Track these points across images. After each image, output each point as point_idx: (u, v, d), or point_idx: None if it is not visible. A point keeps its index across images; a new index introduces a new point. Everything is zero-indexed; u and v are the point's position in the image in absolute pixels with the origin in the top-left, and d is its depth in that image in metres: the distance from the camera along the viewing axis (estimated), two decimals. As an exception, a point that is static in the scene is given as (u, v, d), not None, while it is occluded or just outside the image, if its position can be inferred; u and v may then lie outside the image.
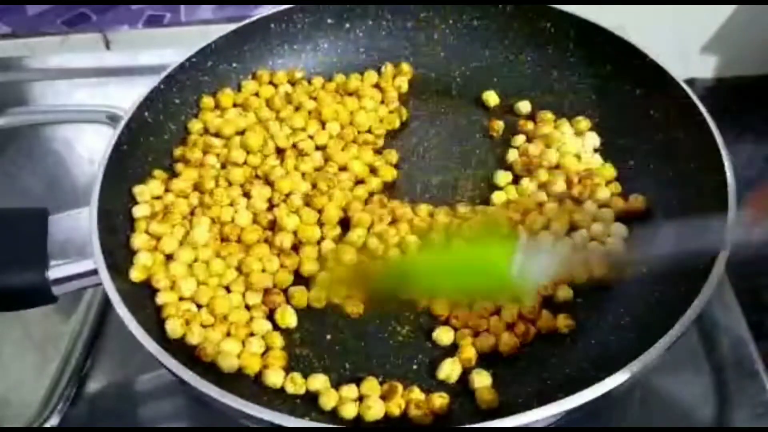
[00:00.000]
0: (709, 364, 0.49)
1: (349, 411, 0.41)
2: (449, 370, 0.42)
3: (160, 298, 0.45)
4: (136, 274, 0.45)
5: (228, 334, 0.45)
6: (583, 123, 0.55)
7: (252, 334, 0.45)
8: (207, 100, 0.57)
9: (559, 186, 0.51)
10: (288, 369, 0.44)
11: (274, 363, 0.43)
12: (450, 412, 0.41)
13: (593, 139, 0.55)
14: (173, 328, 0.43)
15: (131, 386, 0.51)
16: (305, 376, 0.43)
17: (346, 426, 0.41)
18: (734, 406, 0.47)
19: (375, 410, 0.40)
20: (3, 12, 0.80)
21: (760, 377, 0.48)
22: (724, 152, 0.46)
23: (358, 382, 0.43)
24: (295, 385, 0.42)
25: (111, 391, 0.51)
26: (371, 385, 0.42)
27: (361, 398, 0.42)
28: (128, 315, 0.40)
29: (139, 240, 0.47)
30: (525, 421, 0.35)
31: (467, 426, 0.36)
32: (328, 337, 0.46)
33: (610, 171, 0.53)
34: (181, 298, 0.46)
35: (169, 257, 0.48)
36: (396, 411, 0.41)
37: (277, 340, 0.45)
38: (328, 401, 0.41)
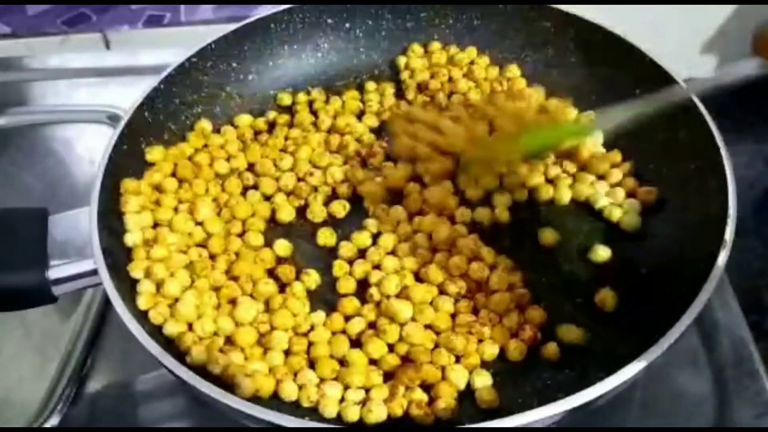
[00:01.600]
0: (709, 364, 0.49)
1: (351, 414, 0.41)
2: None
3: (169, 330, 0.44)
4: (143, 302, 0.44)
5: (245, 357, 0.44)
6: (586, 118, 0.56)
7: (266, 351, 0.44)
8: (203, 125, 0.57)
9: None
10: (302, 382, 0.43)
11: (298, 366, 0.43)
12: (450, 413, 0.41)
13: (597, 136, 0.55)
14: (198, 356, 0.42)
15: (131, 386, 0.51)
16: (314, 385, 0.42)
17: (346, 426, 0.41)
18: (734, 406, 0.47)
19: (377, 414, 0.40)
20: (3, 12, 0.80)
21: (760, 377, 0.48)
22: (724, 152, 0.46)
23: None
24: (309, 399, 0.42)
25: (111, 391, 0.51)
26: (375, 389, 0.42)
27: (363, 401, 0.42)
28: (128, 315, 0.40)
29: (138, 267, 0.46)
30: (525, 421, 0.35)
31: (467, 426, 0.36)
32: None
33: (616, 155, 0.53)
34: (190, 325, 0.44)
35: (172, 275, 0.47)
36: (398, 411, 0.41)
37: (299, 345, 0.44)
38: (331, 408, 0.41)
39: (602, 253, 0.48)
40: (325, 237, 0.51)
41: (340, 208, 0.52)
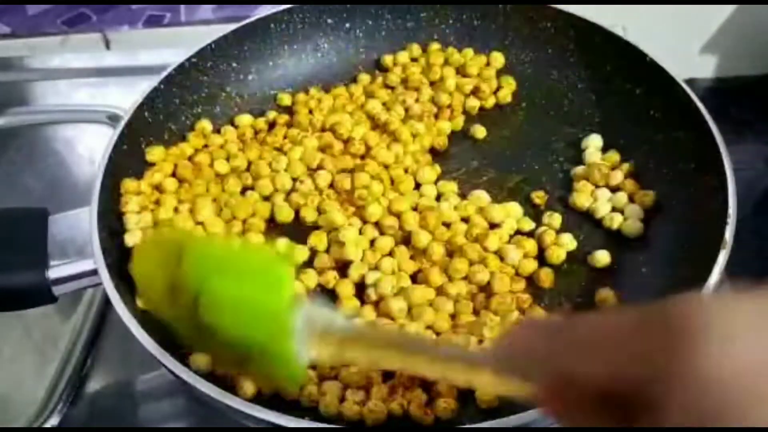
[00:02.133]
0: (709, 364, 0.49)
1: (352, 414, 0.41)
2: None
3: None
4: (143, 302, 0.43)
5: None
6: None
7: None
8: (204, 124, 0.57)
9: None
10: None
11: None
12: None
13: (596, 140, 0.55)
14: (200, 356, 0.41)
15: (131, 386, 0.51)
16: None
17: (345, 426, 0.41)
18: (734, 406, 0.47)
19: (377, 413, 0.40)
20: (3, 12, 0.80)
21: (760, 377, 0.48)
22: (724, 152, 0.46)
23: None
24: (310, 399, 0.42)
25: (111, 391, 0.51)
26: (375, 389, 0.42)
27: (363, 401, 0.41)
28: (128, 315, 0.40)
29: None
30: (525, 421, 0.35)
31: (467, 426, 0.36)
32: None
33: (614, 156, 0.53)
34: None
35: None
36: (398, 411, 0.40)
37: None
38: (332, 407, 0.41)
39: (602, 258, 0.48)
40: (315, 241, 0.50)
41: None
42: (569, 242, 0.49)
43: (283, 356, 0.28)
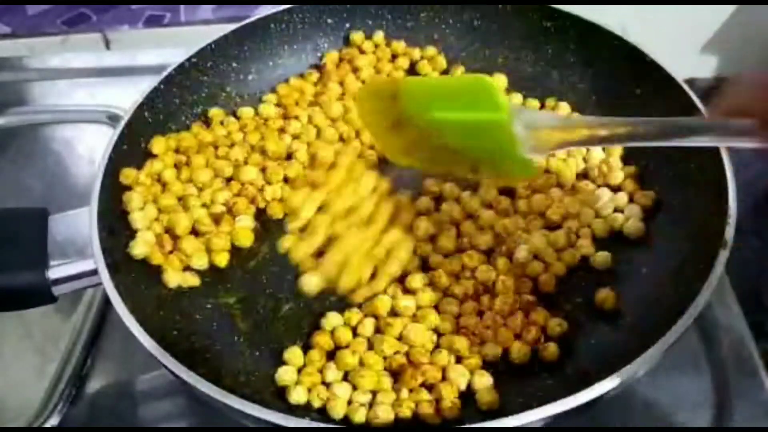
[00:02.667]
0: (709, 364, 0.49)
1: (358, 416, 0.41)
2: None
3: None
4: None
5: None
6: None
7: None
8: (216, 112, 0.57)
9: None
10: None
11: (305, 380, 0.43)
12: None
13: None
14: None
15: (131, 386, 0.51)
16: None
17: (347, 427, 0.41)
18: (734, 406, 0.47)
19: (383, 417, 0.40)
20: (3, 12, 0.80)
21: (760, 377, 0.48)
22: (724, 152, 0.46)
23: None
24: (321, 399, 0.42)
25: (111, 391, 0.51)
26: (382, 393, 0.42)
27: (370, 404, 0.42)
28: (128, 315, 0.40)
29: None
30: (525, 421, 0.35)
31: (467, 426, 0.36)
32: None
33: (616, 150, 0.53)
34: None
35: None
36: (407, 413, 0.40)
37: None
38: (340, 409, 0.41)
39: (602, 258, 0.48)
40: None
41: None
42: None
43: (512, 156, 0.35)
